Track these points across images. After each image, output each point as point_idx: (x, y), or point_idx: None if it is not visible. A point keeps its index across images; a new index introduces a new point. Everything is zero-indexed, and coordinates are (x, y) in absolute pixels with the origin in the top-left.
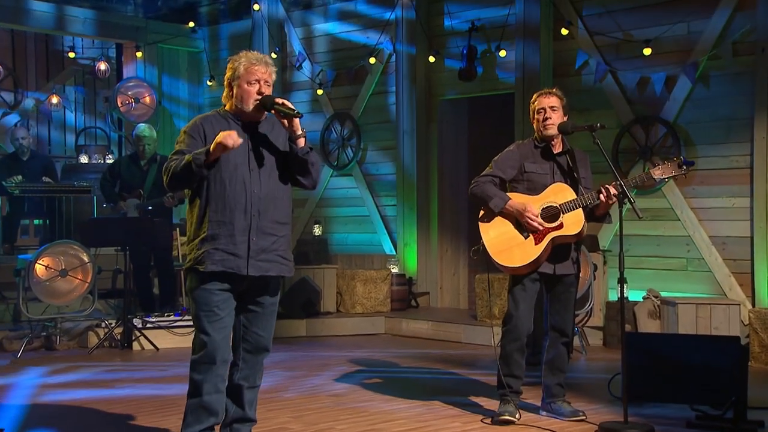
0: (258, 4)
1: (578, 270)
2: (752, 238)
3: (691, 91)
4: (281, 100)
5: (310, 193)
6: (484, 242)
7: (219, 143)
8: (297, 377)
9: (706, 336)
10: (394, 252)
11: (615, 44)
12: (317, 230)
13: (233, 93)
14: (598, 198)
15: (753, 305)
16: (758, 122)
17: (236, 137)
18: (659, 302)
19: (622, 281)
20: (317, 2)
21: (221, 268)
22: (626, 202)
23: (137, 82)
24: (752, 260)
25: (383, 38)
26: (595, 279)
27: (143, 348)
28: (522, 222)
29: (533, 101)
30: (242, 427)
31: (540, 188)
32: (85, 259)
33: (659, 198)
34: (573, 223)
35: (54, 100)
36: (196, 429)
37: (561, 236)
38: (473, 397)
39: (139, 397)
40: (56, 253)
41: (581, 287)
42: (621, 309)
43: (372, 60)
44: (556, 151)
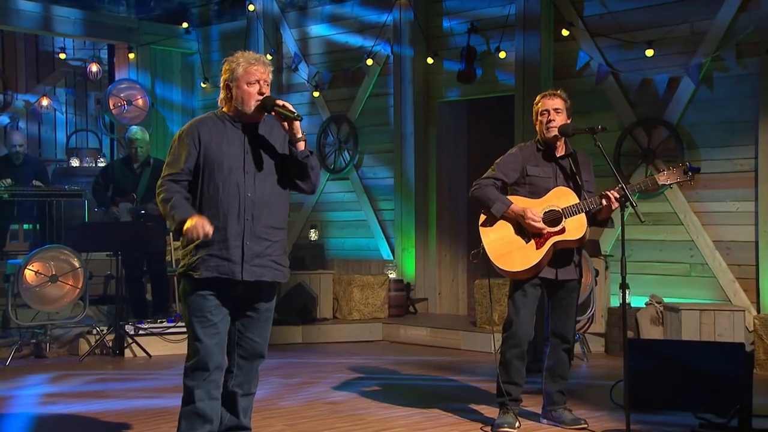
0: (253, 5)
1: (580, 275)
2: (757, 243)
3: (695, 93)
4: (282, 102)
5: (306, 197)
6: (484, 246)
7: (187, 230)
8: (293, 385)
9: (710, 342)
10: (392, 257)
11: (617, 45)
12: (313, 235)
13: (232, 94)
14: (601, 203)
15: (758, 311)
16: (763, 125)
17: (206, 229)
18: (662, 308)
19: (624, 287)
20: (313, 3)
21: (215, 274)
22: (628, 206)
23: (129, 84)
24: (757, 265)
25: (380, 39)
26: (597, 284)
27: (135, 355)
28: (524, 225)
29: (537, 102)
30: None
31: (542, 192)
32: (76, 265)
33: (662, 202)
34: (575, 228)
35: (44, 103)
36: None
37: (563, 241)
38: (473, 405)
39: (131, 409)
40: (46, 258)
41: (582, 293)
42: (623, 315)
43: (369, 61)
44: (559, 154)
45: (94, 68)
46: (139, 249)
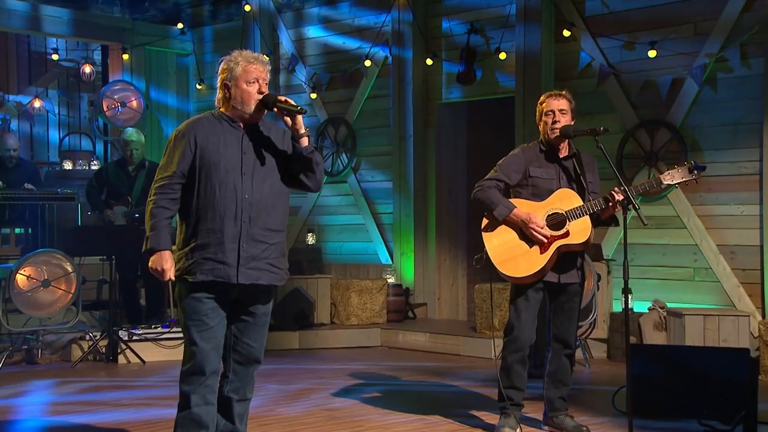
0: (249, 5)
1: (583, 278)
2: (762, 247)
3: (698, 95)
4: (284, 98)
5: (303, 201)
6: (488, 251)
7: (151, 267)
8: (289, 391)
9: (715, 348)
10: (391, 261)
11: (619, 45)
12: (311, 239)
13: (230, 94)
14: (606, 205)
15: (763, 316)
16: None
17: (166, 276)
18: (665, 313)
19: (627, 291)
20: (310, 3)
21: (211, 278)
22: (631, 209)
23: (123, 86)
24: (762, 270)
25: (379, 40)
26: (599, 289)
27: (129, 361)
28: (527, 233)
29: (541, 102)
30: None
31: (545, 194)
32: (69, 269)
33: (665, 205)
34: (580, 232)
35: (36, 104)
36: None
37: (567, 245)
38: (473, 411)
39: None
40: (38, 263)
41: (584, 298)
42: (625, 320)
43: (367, 63)
44: (562, 155)
45: (88, 69)
46: (133, 253)
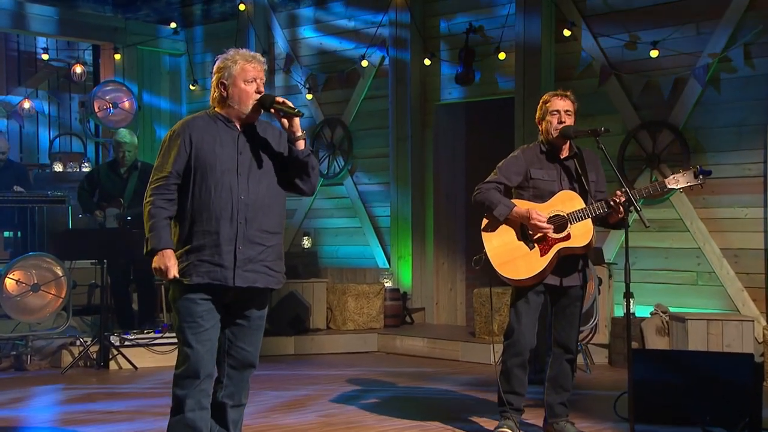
0: (243, 4)
1: (585, 281)
2: (766, 251)
3: (701, 96)
4: (281, 99)
5: (299, 204)
6: (487, 252)
7: (155, 268)
8: (284, 397)
9: (718, 353)
10: (388, 265)
11: (620, 46)
12: (306, 242)
13: (227, 93)
14: (609, 208)
15: (767, 321)
16: None
17: (171, 273)
18: (668, 318)
19: (629, 296)
20: (306, 2)
21: (207, 280)
22: (632, 211)
23: (115, 86)
24: (766, 274)
25: (376, 40)
26: (600, 293)
27: (121, 367)
28: (528, 226)
29: (546, 101)
30: None
31: (546, 195)
32: (59, 273)
33: (667, 208)
34: (581, 234)
35: (26, 105)
36: None
37: (568, 248)
38: (472, 417)
39: None
40: (28, 267)
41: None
42: (627, 325)
43: (364, 63)
44: (563, 156)
45: (78, 69)
46: (125, 256)
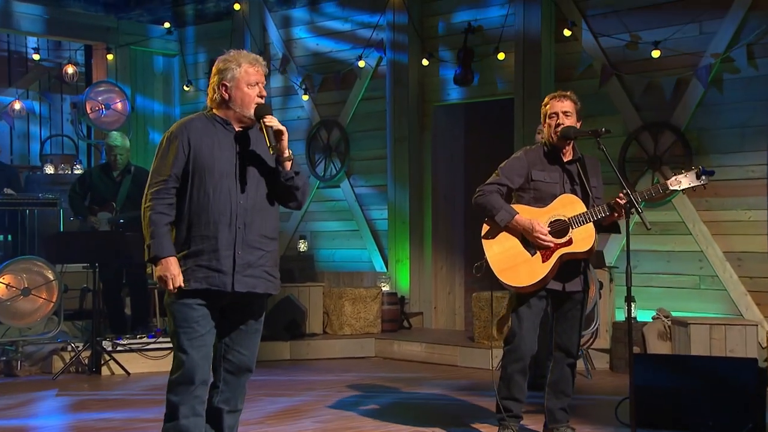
0: (238, 4)
1: (587, 286)
2: None
3: (703, 97)
4: (271, 122)
5: None
6: (488, 259)
7: (158, 276)
8: (280, 403)
9: (721, 358)
10: (385, 269)
11: (621, 46)
12: (302, 246)
13: (229, 96)
14: (610, 211)
15: None
16: None
17: (176, 284)
18: (670, 322)
19: (630, 300)
20: (302, 2)
21: (205, 286)
22: (634, 213)
23: (108, 87)
24: None
25: (373, 40)
26: (601, 297)
27: (113, 373)
28: (530, 239)
29: (545, 104)
30: None
31: (548, 198)
32: (50, 277)
33: (669, 211)
34: (583, 239)
35: (17, 106)
36: None
37: (570, 253)
38: (471, 424)
39: None
40: (18, 271)
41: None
42: (628, 330)
43: (361, 63)
44: (567, 159)
45: (70, 70)
46: (118, 260)
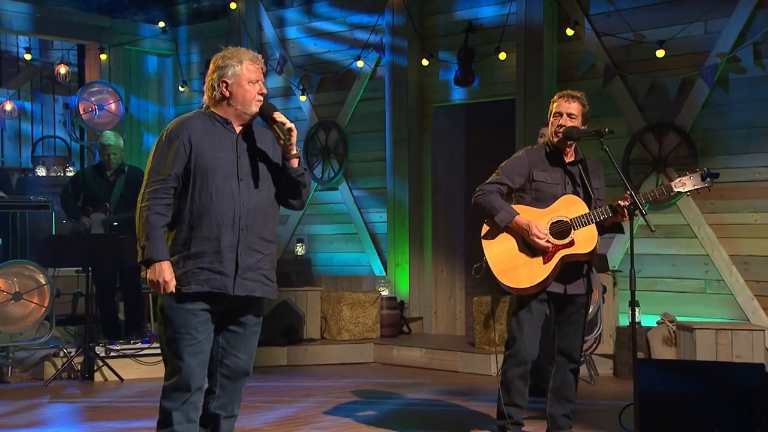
0: (234, 3)
1: (589, 289)
2: None
3: (709, 97)
4: (282, 119)
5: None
6: (487, 259)
7: (150, 279)
8: (277, 410)
9: (727, 363)
10: (384, 273)
11: (625, 45)
12: (300, 249)
13: (230, 93)
14: (613, 213)
15: None
16: None
17: (168, 289)
18: (675, 327)
19: (634, 304)
20: (299, 1)
21: (207, 289)
22: (638, 215)
23: (101, 88)
24: None
25: (372, 40)
26: (605, 302)
27: (106, 379)
28: (528, 241)
29: (553, 101)
30: None
31: (549, 199)
32: (42, 281)
33: (674, 213)
34: (585, 241)
35: (8, 107)
36: None
37: (572, 255)
38: (472, 431)
39: None
40: (9, 275)
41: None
42: (632, 335)
43: (360, 63)
44: (569, 160)
45: (63, 70)
46: (112, 264)
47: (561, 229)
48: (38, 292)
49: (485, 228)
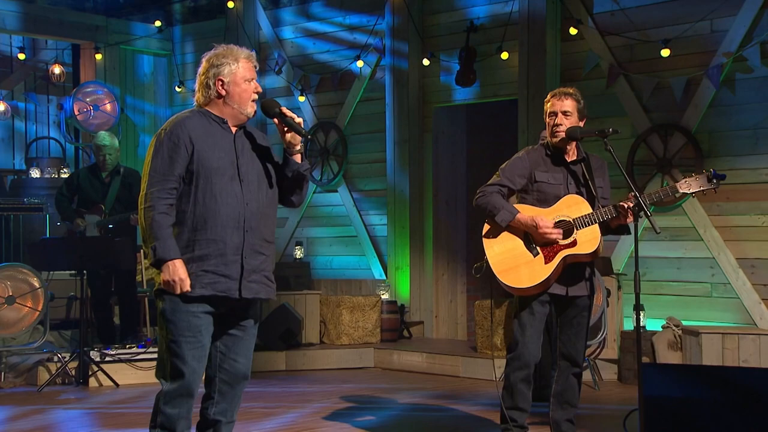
0: (232, 2)
1: (592, 291)
2: None
3: (715, 97)
4: (290, 113)
5: (291, 212)
6: (488, 259)
7: (164, 280)
8: (275, 415)
9: (734, 368)
10: (385, 276)
11: (629, 45)
12: (299, 252)
13: (226, 92)
14: (617, 213)
15: None
16: None
17: (184, 288)
18: (680, 332)
19: (639, 308)
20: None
21: (212, 292)
22: (642, 216)
23: (96, 88)
24: None
25: (372, 39)
26: (609, 306)
27: (101, 384)
28: (534, 235)
29: (546, 101)
30: None
31: (551, 200)
32: (36, 285)
33: (680, 216)
34: (588, 241)
35: (1, 108)
36: None
37: (574, 255)
38: None
39: None
40: (2, 278)
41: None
42: (637, 339)
43: (359, 63)
44: (570, 159)
45: (57, 70)
46: (107, 267)
47: (564, 229)
48: (32, 296)
49: (486, 227)
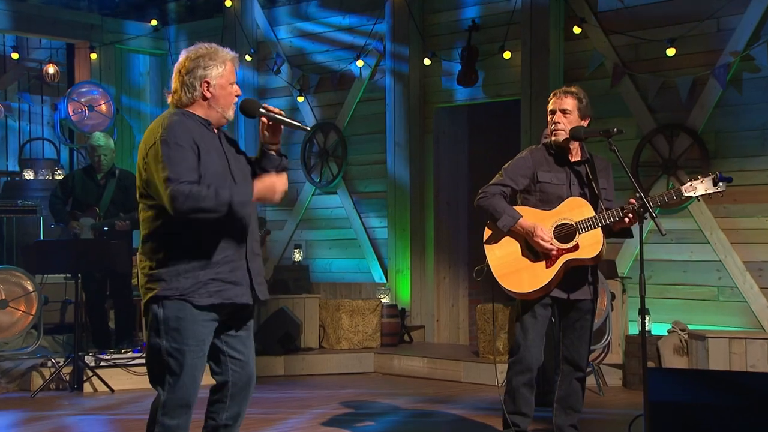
0: (230, 0)
1: (595, 294)
2: None
3: (721, 97)
4: (273, 108)
5: (290, 214)
6: (489, 263)
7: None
8: (274, 421)
9: (741, 373)
10: (385, 280)
11: (634, 44)
12: (297, 255)
13: (211, 94)
14: (621, 216)
15: None
16: None
17: (280, 191)
18: (686, 336)
19: (644, 312)
20: None
21: (219, 300)
22: (647, 219)
23: (91, 88)
24: None
25: (372, 38)
26: (613, 310)
27: (96, 390)
28: (531, 243)
29: (549, 99)
30: None
31: (554, 200)
32: (30, 288)
33: (685, 218)
34: (590, 245)
35: None
36: None
37: (576, 259)
38: None
39: None
40: None
41: (597, 319)
42: (642, 344)
43: (359, 63)
44: (574, 160)
45: (51, 70)
46: (102, 270)
47: (565, 233)
48: (25, 300)
49: (487, 231)
